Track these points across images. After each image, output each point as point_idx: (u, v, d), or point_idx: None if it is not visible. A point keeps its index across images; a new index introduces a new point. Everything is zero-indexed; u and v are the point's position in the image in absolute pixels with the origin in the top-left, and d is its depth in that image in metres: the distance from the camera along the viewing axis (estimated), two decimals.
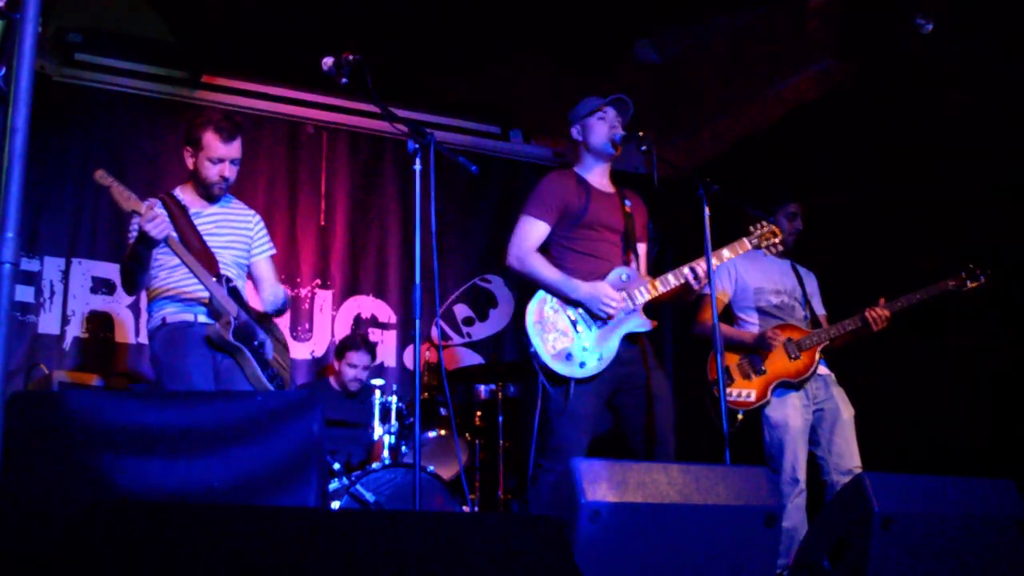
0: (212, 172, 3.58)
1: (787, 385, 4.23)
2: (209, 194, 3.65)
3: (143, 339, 5.30)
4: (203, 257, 3.51)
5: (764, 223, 3.78)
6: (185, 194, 3.68)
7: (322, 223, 6.02)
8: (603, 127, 3.74)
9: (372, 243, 6.15)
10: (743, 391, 4.23)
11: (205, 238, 3.59)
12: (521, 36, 5.44)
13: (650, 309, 3.74)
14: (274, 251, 3.90)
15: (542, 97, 6.21)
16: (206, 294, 3.48)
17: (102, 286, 5.40)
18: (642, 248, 3.86)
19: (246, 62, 5.77)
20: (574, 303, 3.56)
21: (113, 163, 5.37)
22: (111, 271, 5.39)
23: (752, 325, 4.43)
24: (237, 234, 3.74)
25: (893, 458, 4.57)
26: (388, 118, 3.14)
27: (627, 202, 3.84)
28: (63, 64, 5.41)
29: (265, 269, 3.83)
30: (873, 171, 5.30)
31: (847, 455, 4.17)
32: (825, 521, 2.93)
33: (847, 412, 4.25)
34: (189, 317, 3.53)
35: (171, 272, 3.56)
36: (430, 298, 3.46)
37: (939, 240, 4.83)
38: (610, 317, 3.55)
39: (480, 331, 6.34)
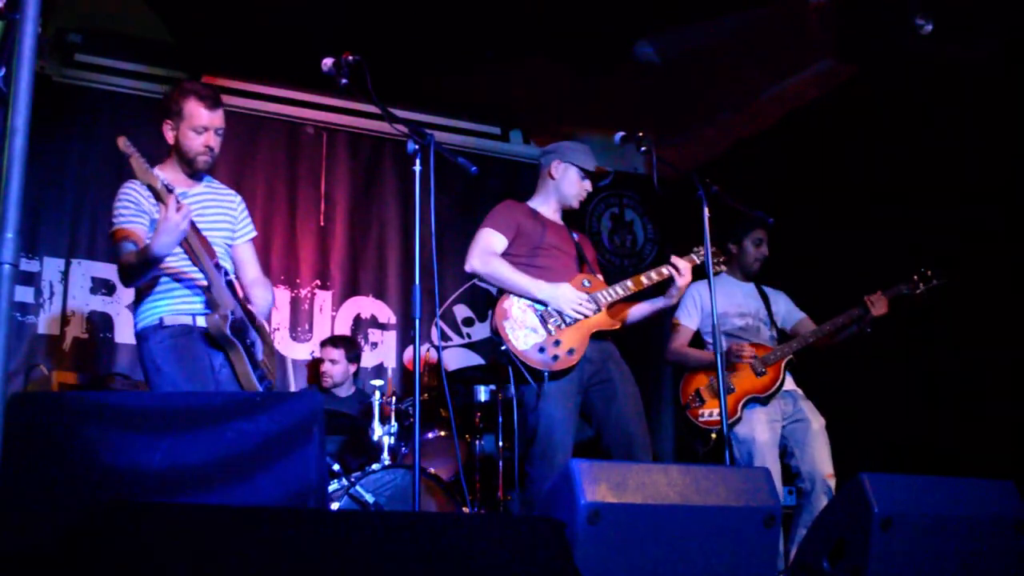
0: (197, 143, 3.37)
1: (756, 400, 4.33)
2: (193, 168, 3.43)
3: None
4: (202, 242, 3.33)
5: (701, 249, 3.80)
6: (166, 172, 3.37)
7: (322, 224, 6.02)
8: (579, 187, 3.94)
9: (372, 244, 6.15)
10: (715, 411, 4.30)
11: (195, 220, 3.33)
12: (521, 37, 5.44)
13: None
14: (255, 234, 3.73)
15: (542, 98, 6.21)
16: (204, 281, 3.33)
17: (102, 287, 5.39)
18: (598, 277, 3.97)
19: (245, 62, 5.77)
20: (540, 302, 3.68)
21: (113, 164, 5.37)
22: (111, 272, 5.37)
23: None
24: (223, 215, 3.56)
25: (891, 459, 4.59)
26: (388, 119, 3.14)
27: (574, 235, 4.02)
28: (63, 65, 5.42)
29: (247, 252, 3.67)
30: (871, 173, 5.29)
31: (819, 462, 4.29)
32: (824, 521, 2.93)
33: (817, 423, 4.37)
34: (187, 320, 3.34)
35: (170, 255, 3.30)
36: (430, 299, 3.45)
37: (937, 241, 4.82)
38: (584, 316, 3.66)
39: (480, 332, 6.34)
